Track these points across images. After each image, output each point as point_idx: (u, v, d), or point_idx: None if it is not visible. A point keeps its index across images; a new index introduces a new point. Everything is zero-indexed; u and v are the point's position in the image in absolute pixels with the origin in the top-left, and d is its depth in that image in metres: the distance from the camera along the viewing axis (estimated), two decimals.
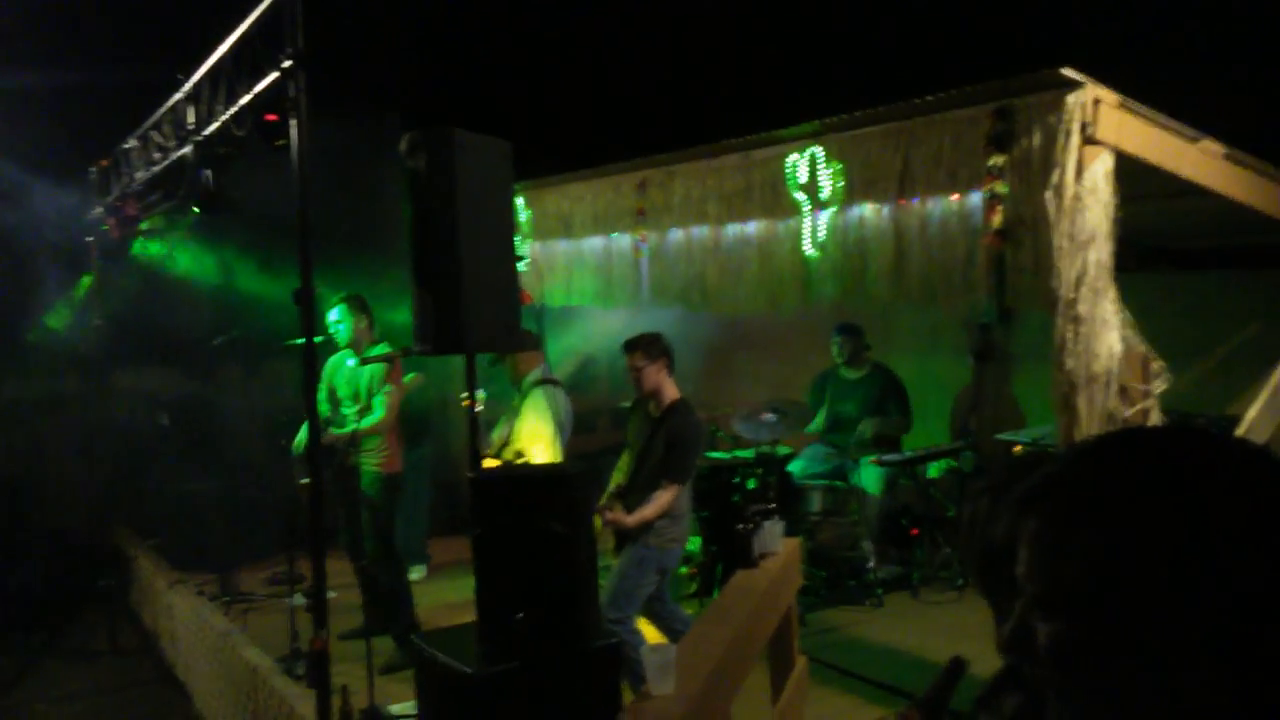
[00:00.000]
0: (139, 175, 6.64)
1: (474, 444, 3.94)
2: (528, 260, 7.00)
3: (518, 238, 6.11)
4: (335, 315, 5.93)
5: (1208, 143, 4.08)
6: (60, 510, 8.46)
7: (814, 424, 7.18)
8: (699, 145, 5.62)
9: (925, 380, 7.57)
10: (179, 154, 5.63)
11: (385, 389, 5.82)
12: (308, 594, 4.88)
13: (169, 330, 8.75)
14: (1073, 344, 3.65)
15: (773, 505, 4.37)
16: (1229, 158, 4.18)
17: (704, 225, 5.61)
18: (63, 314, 8.57)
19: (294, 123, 4.01)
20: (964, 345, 7.63)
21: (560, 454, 5.25)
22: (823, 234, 4.79)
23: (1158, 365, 3.78)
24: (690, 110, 9.07)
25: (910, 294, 4.43)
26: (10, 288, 8.42)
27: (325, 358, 6.08)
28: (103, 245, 7.84)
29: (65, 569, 8.10)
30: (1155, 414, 3.78)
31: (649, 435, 5.00)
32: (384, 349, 5.80)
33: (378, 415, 5.80)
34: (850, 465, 6.77)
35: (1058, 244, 3.64)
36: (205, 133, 5.15)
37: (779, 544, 4.16)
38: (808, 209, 4.85)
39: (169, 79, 5.72)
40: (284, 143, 4.10)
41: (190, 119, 5.46)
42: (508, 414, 5.54)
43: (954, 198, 4.18)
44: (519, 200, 7.01)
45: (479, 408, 3.98)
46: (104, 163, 7.48)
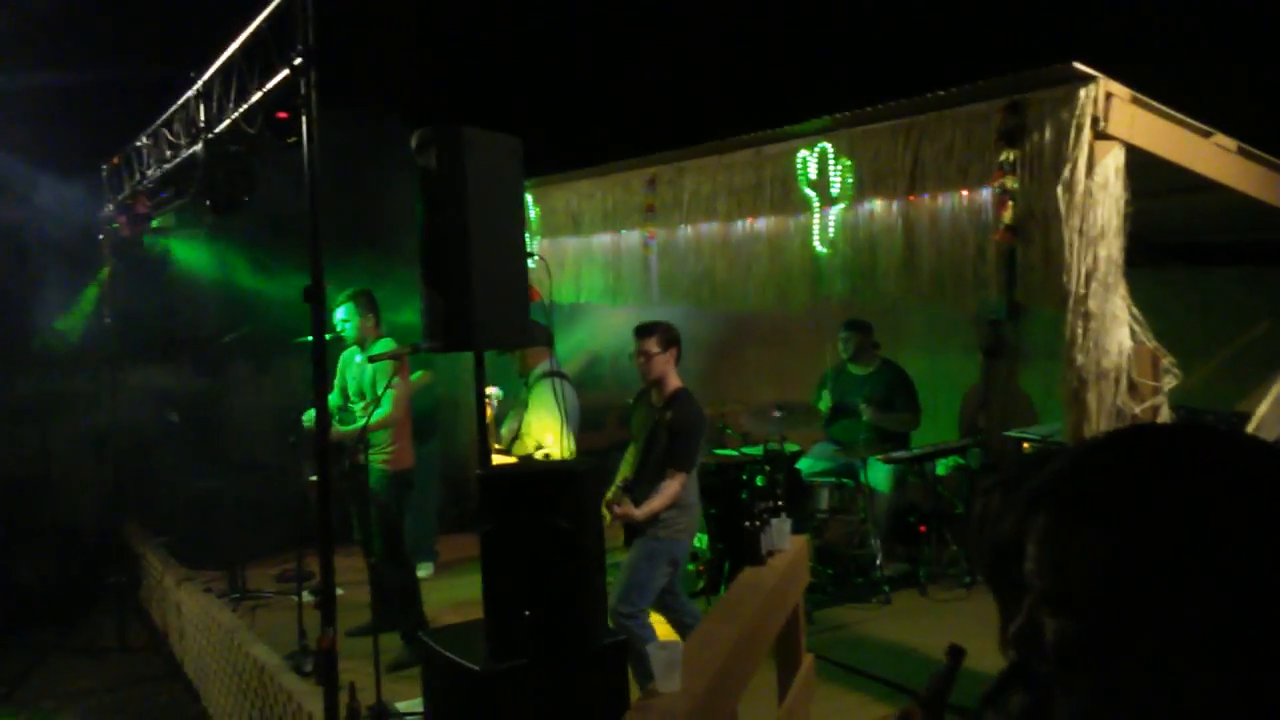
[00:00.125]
0: (150, 173, 6.66)
1: (483, 442, 3.94)
2: (537, 257, 6.99)
3: (527, 234, 6.11)
4: (342, 314, 5.94)
5: (1220, 138, 4.06)
6: (70, 507, 8.50)
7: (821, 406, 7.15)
8: (709, 141, 5.61)
9: (935, 377, 7.53)
10: (190, 151, 5.65)
11: (393, 381, 5.83)
12: (316, 591, 4.89)
13: (179, 327, 8.79)
14: (1083, 340, 3.64)
15: (781, 502, 4.35)
16: (1241, 153, 4.16)
17: (713, 222, 5.60)
18: (74, 319, 8.60)
19: (305, 120, 4.02)
20: (974, 342, 7.60)
21: (571, 444, 5.25)
22: (833, 230, 4.78)
23: (1168, 361, 3.76)
24: (700, 106, 9.07)
25: (920, 290, 4.41)
26: (21, 284, 8.45)
27: (336, 355, 6.09)
28: (114, 243, 7.88)
29: (74, 566, 8.15)
30: (1165, 410, 3.77)
31: (653, 425, 5.00)
32: (389, 345, 5.80)
33: (385, 410, 5.81)
34: (858, 463, 6.75)
35: (1068, 239, 3.63)
36: (216, 130, 5.17)
37: (787, 541, 4.14)
38: (818, 205, 4.85)
39: (180, 77, 5.74)
40: (295, 139, 4.11)
41: (201, 117, 5.48)
42: (516, 408, 5.54)
43: (964, 193, 4.17)
44: (528, 197, 7.01)
45: (494, 405, 3.98)
46: (115, 160, 7.51)
